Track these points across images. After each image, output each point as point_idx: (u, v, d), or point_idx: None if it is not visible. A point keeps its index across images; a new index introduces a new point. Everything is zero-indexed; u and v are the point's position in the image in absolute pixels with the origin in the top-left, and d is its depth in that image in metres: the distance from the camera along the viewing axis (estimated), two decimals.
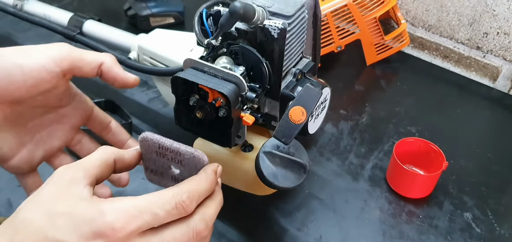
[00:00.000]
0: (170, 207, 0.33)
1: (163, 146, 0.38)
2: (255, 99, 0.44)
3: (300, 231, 0.57)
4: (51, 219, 0.30)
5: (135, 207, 0.32)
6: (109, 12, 1.03)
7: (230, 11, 0.41)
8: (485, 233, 0.58)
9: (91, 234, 0.30)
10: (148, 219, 0.32)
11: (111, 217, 0.30)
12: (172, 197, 0.33)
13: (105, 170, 0.36)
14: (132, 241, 0.32)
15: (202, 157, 0.37)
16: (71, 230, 0.30)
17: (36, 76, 0.39)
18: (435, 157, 0.62)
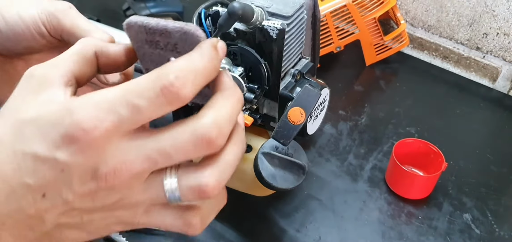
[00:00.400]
0: (153, 94, 0.25)
1: (150, 28, 0.30)
2: (254, 100, 0.44)
3: (299, 232, 0.57)
4: (18, 129, 0.25)
5: (108, 99, 0.25)
6: (108, 12, 1.03)
7: (229, 11, 0.41)
8: (484, 234, 0.58)
9: (60, 139, 0.24)
10: (125, 113, 0.25)
11: (80, 114, 0.24)
12: (154, 80, 0.25)
13: (84, 66, 0.30)
14: (114, 144, 0.25)
15: (196, 32, 0.28)
16: (39, 139, 0.25)
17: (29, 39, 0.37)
18: (435, 157, 0.62)
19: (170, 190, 0.27)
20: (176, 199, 0.28)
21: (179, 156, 0.26)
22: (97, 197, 0.26)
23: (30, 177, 0.25)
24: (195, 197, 0.28)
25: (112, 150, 0.25)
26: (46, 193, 0.25)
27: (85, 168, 0.25)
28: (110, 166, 0.25)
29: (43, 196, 0.25)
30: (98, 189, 0.26)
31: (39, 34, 0.36)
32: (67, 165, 0.25)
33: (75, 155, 0.25)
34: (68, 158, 0.25)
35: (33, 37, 0.36)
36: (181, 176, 0.27)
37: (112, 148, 0.25)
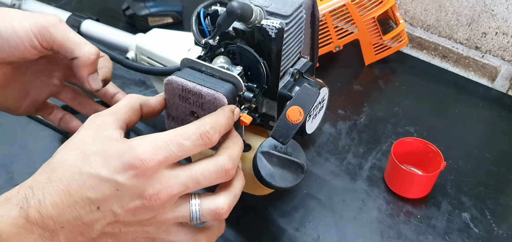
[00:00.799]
0: (195, 137, 0.35)
1: (187, 88, 0.40)
2: (253, 99, 0.44)
3: (298, 231, 0.57)
4: (84, 157, 0.33)
5: (161, 139, 0.34)
6: (107, 11, 1.03)
7: (228, 10, 0.41)
8: (483, 233, 0.58)
9: (122, 166, 0.32)
10: (175, 150, 0.34)
11: (140, 150, 0.33)
12: (196, 128, 0.35)
13: (132, 115, 0.39)
14: (161, 173, 0.34)
15: (223, 99, 0.39)
16: (103, 165, 0.32)
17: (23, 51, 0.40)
18: (433, 157, 0.62)
19: (194, 210, 0.36)
20: (197, 218, 0.37)
21: (205, 182, 0.36)
22: (138, 213, 0.34)
23: (91, 192, 0.32)
24: (211, 217, 0.37)
25: (158, 177, 0.34)
26: (100, 206, 0.32)
27: (136, 189, 0.33)
28: (155, 189, 0.33)
29: (98, 209, 0.32)
30: (141, 207, 0.34)
31: (31, 46, 0.40)
32: (123, 185, 0.32)
33: (131, 179, 0.32)
34: (125, 181, 0.32)
35: (25, 49, 0.40)
36: (202, 200, 0.37)
37: (158, 175, 0.34)
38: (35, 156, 0.64)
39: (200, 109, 0.41)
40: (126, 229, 0.35)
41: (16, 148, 0.65)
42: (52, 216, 0.31)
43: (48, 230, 0.31)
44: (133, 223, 0.35)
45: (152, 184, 0.33)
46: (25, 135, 0.66)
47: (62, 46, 0.40)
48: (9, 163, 0.62)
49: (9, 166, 0.62)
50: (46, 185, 0.32)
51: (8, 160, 0.63)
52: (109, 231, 0.34)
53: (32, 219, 0.31)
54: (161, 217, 0.35)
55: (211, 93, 0.40)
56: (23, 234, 0.31)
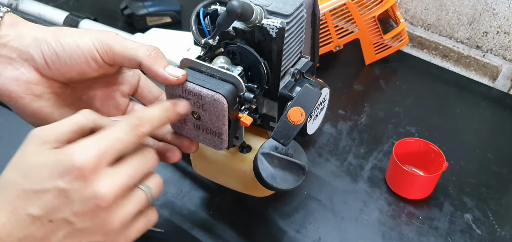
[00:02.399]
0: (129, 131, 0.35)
1: (187, 90, 0.40)
2: (253, 100, 0.43)
3: (298, 232, 0.56)
4: (25, 173, 0.33)
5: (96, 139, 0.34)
6: (105, 11, 1.02)
7: (228, 10, 0.40)
8: (485, 234, 0.58)
9: (62, 172, 0.32)
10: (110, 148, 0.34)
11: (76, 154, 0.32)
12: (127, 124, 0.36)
13: (79, 137, 0.36)
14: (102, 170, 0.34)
15: (222, 100, 0.39)
16: (43, 176, 0.32)
17: (84, 65, 0.40)
18: (435, 157, 0.62)
19: (148, 191, 0.37)
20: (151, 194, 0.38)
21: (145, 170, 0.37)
22: (94, 216, 0.33)
23: (37, 207, 0.32)
24: (158, 191, 0.39)
25: (102, 175, 0.33)
26: (51, 218, 0.32)
27: (84, 191, 0.32)
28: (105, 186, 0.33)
29: (50, 221, 0.32)
30: (96, 208, 0.33)
31: (93, 59, 0.40)
32: (67, 191, 0.32)
33: (73, 182, 0.32)
34: (67, 185, 0.32)
35: (87, 63, 0.40)
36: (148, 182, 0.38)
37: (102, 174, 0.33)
38: None
39: (201, 109, 0.41)
40: (87, 238, 0.34)
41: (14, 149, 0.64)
42: (3, 239, 0.31)
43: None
44: (93, 229, 0.34)
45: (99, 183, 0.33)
46: (22, 137, 0.65)
47: (121, 55, 0.41)
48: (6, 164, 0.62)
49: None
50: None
51: (6, 161, 0.62)
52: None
53: None
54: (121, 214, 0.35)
55: (210, 94, 0.39)
56: None
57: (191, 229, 0.56)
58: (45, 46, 0.39)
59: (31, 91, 0.40)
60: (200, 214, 0.58)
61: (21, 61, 0.39)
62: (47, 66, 0.40)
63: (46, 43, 0.39)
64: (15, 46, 0.39)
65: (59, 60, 0.40)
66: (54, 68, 0.40)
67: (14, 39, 0.39)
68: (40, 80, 0.40)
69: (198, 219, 0.57)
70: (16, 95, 0.40)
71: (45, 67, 0.40)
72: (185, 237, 0.55)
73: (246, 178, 0.51)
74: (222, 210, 0.59)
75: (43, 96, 0.41)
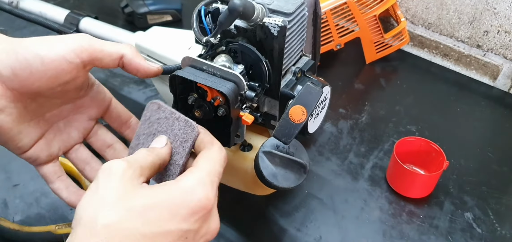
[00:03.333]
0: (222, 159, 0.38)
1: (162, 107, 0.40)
2: (255, 98, 0.43)
3: (299, 231, 0.56)
4: (140, 214, 0.31)
5: (206, 175, 0.35)
6: (106, 9, 1.02)
7: (229, 8, 0.40)
8: (486, 233, 0.58)
9: (188, 214, 0.32)
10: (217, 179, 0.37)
11: (198, 193, 0.33)
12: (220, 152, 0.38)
13: (152, 172, 0.37)
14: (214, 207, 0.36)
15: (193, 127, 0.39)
16: (167, 218, 0.31)
17: (57, 67, 0.39)
18: (436, 156, 0.62)
19: None
20: None
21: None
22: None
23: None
24: None
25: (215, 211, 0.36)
26: None
27: (202, 230, 0.34)
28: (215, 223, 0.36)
29: None
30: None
31: (68, 61, 0.39)
32: (191, 231, 0.33)
33: (197, 222, 0.33)
34: (193, 226, 0.33)
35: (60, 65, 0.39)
36: None
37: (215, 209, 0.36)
38: None
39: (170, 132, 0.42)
40: None
41: None
42: None
43: None
44: None
45: (213, 219, 0.35)
46: None
47: (100, 50, 0.40)
48: (6, 162, 0.62)
49: (6, 165, 0.61)
50: None
51: (5, 159, 0.62)
52: None
53: None
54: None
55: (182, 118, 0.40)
56: None
57: None
58: (13, 57, 0.37)
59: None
60: None
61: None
62: (15, 77, 0.38)
63: (15, 52, 0.38)
64: None
65: (30, 67, 0.38)
66: (24, 77, 0.38)
67: None
68: (3, 94, 0.38)
69: None
70: None
71: (11, 78, 0.38)
72: None
73: (247, 177, 0.51)
74: (223, 208, 0.58)
75: (4, 111, 0.39)
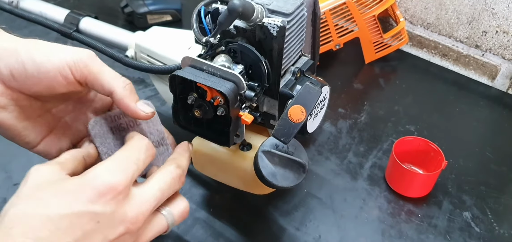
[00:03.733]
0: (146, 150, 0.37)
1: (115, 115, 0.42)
2: (254, 98, 0.44)
3: (298, 230, 0.56)
4: (47, 201, 0.31)
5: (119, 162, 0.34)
6: (106, 9, 1.02)
7: (229, 8, 0.41)
8: (484, 232, 0.58)
9: (96, 194, 0.31)
10: (135, 167, 0.34)
11: (107, 174, 0.32)
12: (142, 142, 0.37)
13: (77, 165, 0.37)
14: (132, 191, 0.34)
15: None
16: (73, 199, 0.31)
17: (51, 78, 0.39)
18: (434, 156, 0.62)
19: (170, 219, 0.37)
20: (173, 224, 0.38)
21: (169, 191, 0.37)
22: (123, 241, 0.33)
23: (68, 236, 0.30)
24: (182, 218, 0.39)
25: (132, 197, 0.33)
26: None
27: (117, 215, 0.32)
28: (134, 210, 0.33)
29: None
30: (125, 233, 0.32)
31: (63, 76, 0.39)
32: (102, 215, 0.31)
33: (108, 205, 0.31)
34: (103, 209, 0.31)
35: (55, 78, 0.39)
36: (171, 207, 0.38)
37: (132, 195, 0.33)
38: (33, 155, 0.63)
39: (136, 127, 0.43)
40: None
41: (14, 147, 0.64)
42: None
43: None
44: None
45: (129, 205, 0.33)
46: None
47: (95, 77, 0.39)
48: (7, 162, 0.62)
49: (6, 165, 0.62)
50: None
51: (6, 159, 0.62)
52: None
53: None
54: (142, 238, 0.35)
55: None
56: None
57: (191, 226, 0.56)
58: (12, 58, 0.38)
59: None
60: (201, 212, 0.58)
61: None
62: (12, 78, 0.38)
63: (14, 55, 0.38)
64: None
65: (26, 72, 0.38)
66: (20, 80, 0.38)
67: None
68: (4, 92, 0.38)
69: (199, 217, 0.57)
70: None
71: (11, 79, 0.38)
72: (185, 235, 0.55)
73: (246, 176, 0.51)
74: (222, 208, 0.59)
75: (6, 108, 0.39)
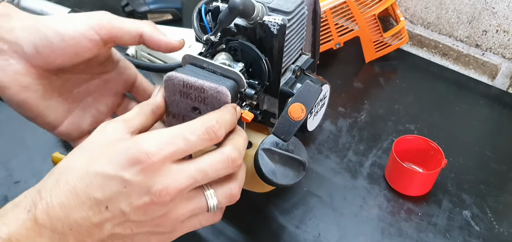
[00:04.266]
0: (201, 132, 0.35)
1: (188, 83, 0.39)
2: (254, 96, 0.44)
3: (298, 228, 0.57)
4: (91, 157, 0.32)
5: (167, 134, 0.34)
6: (107, 8, 1.01)
7: (229, 7, 0.41)
8: (484, 231, 0.58)
9: (127, 161, 0.32)
10: (181, 144, 0.34)
11: (145, 144, 0.32)
12: (202, 124, 0.35)
13: (146, 121, 0.38)
14: (167, 166, 0.33)
15: (226, 92, 0.39)
16: (108, 162, 0.32)
17: (77, 44, 0.39)
18: (434, 154, 0.62)
19: (211, 200, 0.36)
20: (214, 207, 0.37)
21: (213, 174, 0.35)
22: (148, 211, 0.33)
23: (98, 191, 0.31)
24: (227, 202, 0.38)
25: (165, 171, 0.33)
26: (109, 205, 0.32)
27: (143, 185, 0.32)
28: (163, 184, 0.33)
29: (106, 208, 0.32)
30: (151, 203, 0.33)
31: (88, 38, 0.40)
32: (129, 182, 0.32)
33: (137, 174, 0.32)
34: (131, 177, 0.32)
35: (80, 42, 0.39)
36: (216, 188, 0.37)
37: (166, 170, 0.33)
38: (34, 153, 0.63)
39: (202, 104, 0.41)
40: (139, 229, 0.34)
41: (15, 144, 0.64)
42: (60, 218, 0.31)
43: (57, 232, 0.31)
44: (145, 222, 0.34)
45: (159, 179, 0.33)
46: (24, 132, 0.66)
47: (120, 27, 0.41)
48: (8, 159, 0.62)
49: (8, 162, 0.62)
50: (53, 187, 0.32)
51: (7, 156, 0.62)
52: (119, 232, 0.33)
53: (41, 221, 0.30)
54: (174, 213, 0.35)
55: (214, 87, 0.39)
56: (32, 237, 0.30)
57: None
58: (35, 35, 0.39)
59: (18, 82, 0.40)
60: None
61: (10, 53, 0.39)
62: (37, 54, 0.39)
63: (36, 29, 0.39)
64: (7, 38, 0.39)
65: (51, 45, 0.39)
66: (45, 54, 0.39)
67: (6, 31, 0.39)
68: (28, 71, 0.40)
69: None
70: (2, 86, 0.39)
71: (34, 55, 0.39)
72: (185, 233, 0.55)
73: (246, 174, 0.51)
74: None
75: (30, 88, 0.40)
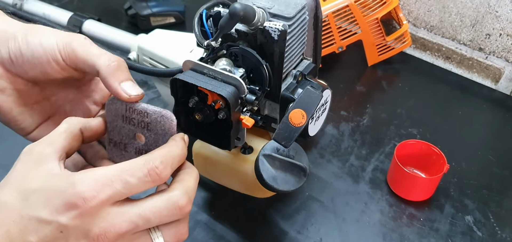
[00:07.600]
0: (142, 174, 0.32)
1: (131, 107, 0.37)
2: (255, 102, 0.44)
3: (300, 233, 0.56)
4: (24, 197, 0.31)
5: (105, 175, 0.31)
6: (109, 11, 1.03)
7: (230, 12, 0.41)
8: (486, 236, 0.58)
9: (63, 205, 0.30)
10: (119, 187, 0.32)
11: (81, 187, 0.30)
12: (144, 164, 0.33)
13: (72, 141, 0.35)
14: (105, 211, 0.31)
15: (171, 117, 0.36)
16: (43, 205, 0.30)
17: (45, 63, 0.39)
18: (437, 159, 0.62)
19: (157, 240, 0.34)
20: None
21: (156, 221, 0.33)
22: None
23: (33, 236, 0.30)
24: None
25: (103, 215, 0.31)
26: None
27: (81, 229, 0.31)
28: (101, 228, 0.31)
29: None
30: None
31: (55, 60, 0.39)
32: (66, 227, 0.30)
33: (74, 219, 0.30)
34: (68, 222, 0.30)
35: (49, 63, 0.39)
36: (163, 230, 0.34)
37: (104, 213, 0.31)
38: None
39: (146, 130, 0.37)
40: None
41: (17, 149, 0.64)
42: None
43: None
44: None
45: (97, 222, 0.31)
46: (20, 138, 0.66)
47: (84, 61, 0.38)
48: (10, 163, 0.62)
49: (9, 167, 0.62)
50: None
51: (8, 160, 0.62)
52: None
53: None
54: None
55: (158, 111, 0.36)
56: None
57: (192, 229, 0.56)
58: (12, 42, 0.38)
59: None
60: (202, 215, 0.58)
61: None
62: (11, 62, 0.38)
63: (13, 39, 0.38)
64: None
65: (22, 57, 0.38)
66: (18, 65, 0.39)
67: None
68: (3, 75, 0.39)
69: (200, 220, 0.57)
70: None
71: (10, 63, 0.39)
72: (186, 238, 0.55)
73: (247, 179, 0.52)
74: (223, 211, 0.59)
75: (5, 91, 0.40)
